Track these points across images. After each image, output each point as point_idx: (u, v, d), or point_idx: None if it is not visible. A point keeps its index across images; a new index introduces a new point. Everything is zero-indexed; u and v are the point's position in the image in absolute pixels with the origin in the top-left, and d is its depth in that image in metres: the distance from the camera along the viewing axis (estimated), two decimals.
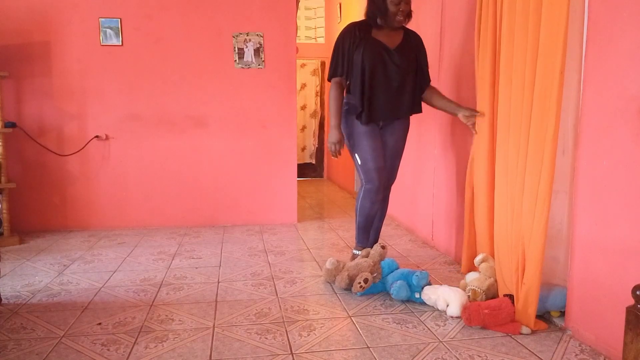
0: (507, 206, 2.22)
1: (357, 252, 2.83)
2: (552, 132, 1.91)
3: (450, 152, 3.14)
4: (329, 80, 2.76)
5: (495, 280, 2.33)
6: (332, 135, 2.68)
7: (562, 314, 2.09)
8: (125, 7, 3.83)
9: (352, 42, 2.64)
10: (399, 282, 2.36)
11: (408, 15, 2.65)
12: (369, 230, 2.87)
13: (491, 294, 2.30)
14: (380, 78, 2.63)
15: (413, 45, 2.72)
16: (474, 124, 2.58)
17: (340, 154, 2.71)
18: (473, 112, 2.56)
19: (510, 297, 2.11)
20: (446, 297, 2.23)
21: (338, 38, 2.72)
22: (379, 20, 2.64)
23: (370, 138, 2.69)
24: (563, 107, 2.07)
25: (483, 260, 2.43)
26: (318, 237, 3.73)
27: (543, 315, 2.15)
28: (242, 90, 4.03)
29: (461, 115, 2.60)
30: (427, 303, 2.32)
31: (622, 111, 1.73)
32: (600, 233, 1.84)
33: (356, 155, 2.74)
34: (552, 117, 1.91)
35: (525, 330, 2.01)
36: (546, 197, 1.95)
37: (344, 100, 2.73)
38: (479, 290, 2.29)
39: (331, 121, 2.69)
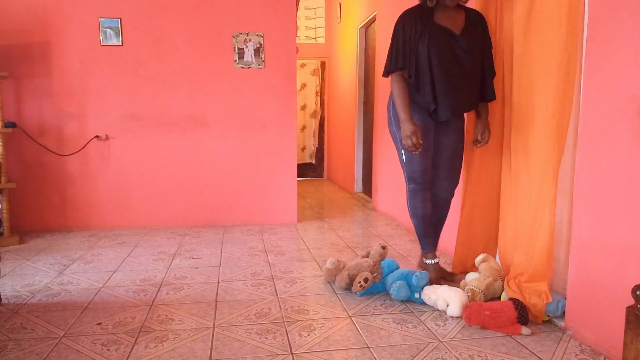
0: (512, 207, 2.23)
1: (429, 261, 2.58)
2: (560, 133, 1.94)
3: None
4: (386, 75, 2.47)
5: (494, 280, 2.33)
6: (405, 129, 2.37)
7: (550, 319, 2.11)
8: (125, 7, 3.83)
9: (414, 30, 2.35)
10: (398, 282, 2.36)
11: None
12: (430, 233, 2.58)
13: (490, 293, 2.31)
14: (452, 69, 2.34)
15: (478, 25, 2.42)
16: (480, 142, 2.46)
17: (420, 146, 2.35)
18: (484, 139, 2.46)
19: (515, 301, 2.08)
20: (446, 297, 2.23)
21: (396, 26, 2.43)
22: (429, 2, 2.36)
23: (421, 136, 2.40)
24: None
25: (483, 261, 2.44)
26: (318, 237, 3.73)
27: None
28: (242, 90, 4.04)
29: (479, 128, 2.46)
30: (427, 303, 2.32)
31: (622, 111, 1.73)
32: (600, 233, 1.84)
33: (403, 152, 2.50)
34: (562, 119, 1.93)
35: (525, 331, 2.00)
36: (551, 198, 1.96)
37: None
38: (477, 290, 2.29)
39: (400, 115, 2.39)
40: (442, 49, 2.32)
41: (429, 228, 2.57)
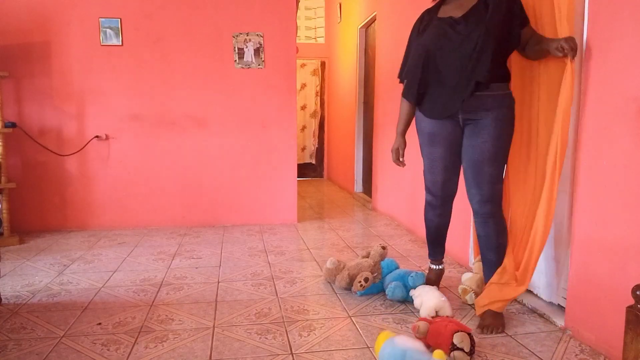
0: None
1: (433, 266, 2.53)
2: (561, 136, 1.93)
3: None
4: (401, 81, 2.37)
5: None
6: (394, 142, 2.38)
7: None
8: (125, 7, 3.83)
9: (415, 33, 2.25)
10: (393, 282, 2.36)
11: None
12: (437, 243, 2.48)
13: (481, 291, 2.32)
14: (443, 60, 2.09)
15: (490, 3, 2.04)
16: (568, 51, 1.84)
17: (401, 163, 2.36)
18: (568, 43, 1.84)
19: (459, 334, 1.80)
20: (423, 298, 2.20)
21: (410, 33, 2.32)
22: None
23: (432, 144, 2.25)
24: None
25: (478, 261, 2.45)
26: (318, 237, 3.73)
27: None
28: (242, 90, 4.04)
29: (552, 49, 1.89)
30: (414, 300, 2.29)
31: (622, 111, 1.73)
32: (600, 233, 1.84)
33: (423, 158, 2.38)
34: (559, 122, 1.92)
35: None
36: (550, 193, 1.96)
37: None
38: (468, 288, 2.34)
39: (397, 126, 2.37)
40: (434, 40, 2.11)
41: (436, 239, 2.47)
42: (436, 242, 2.49)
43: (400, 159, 2.38)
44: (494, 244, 2.14)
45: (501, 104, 2.06)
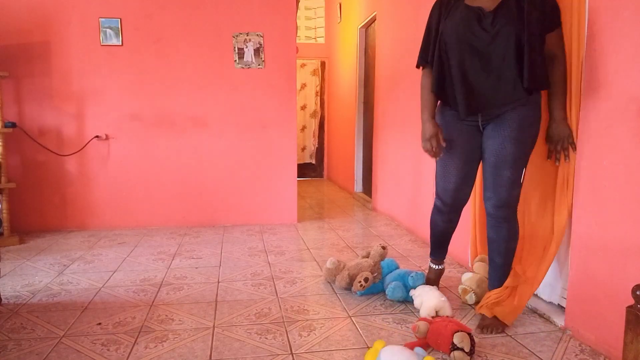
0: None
1: (433, 266, 2.48)
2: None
3: None
4: (417, 67, 2.22)
5: (487, 278, 2.32)
6: (425, 131, 2.12)
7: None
8: (125, 7, 3.83)
9: (436, 16, 2.08)
10: (393, 282, 2.36)
11: None
12: (440, 246, 2.42)
13: (482, 290, 2.32)
14: (469, 57, 1.94)
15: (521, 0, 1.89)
16: (552, 152, 2.00)
17: (440, 153, 2.13)
18: (556, 147, 1.97)
19: (460, 333, 1.80)
20: (423, 298, 2.20)
21: (429, 14, 2.15)
22: None
23: (447, 151, 2.14)
24: None
25: (479, 260, 2.45)
26: (318, 237, 3.73)
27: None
28: (242, 90, 4.03)
29: (551, 130, 1.98)
30: (414, 300, 2.29)
31: (622, 111, 1.73)
32: (600, 233, 1.84)
33: (436, 163, 2.26)
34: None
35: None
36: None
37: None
38: (468, 288, 2.33)
39: (421, 115, 2.15)
40: (457, 31, 1.95)
41: (440, 241, 2.41)
42: (439, 244, 2.43)
43: (440, 145, 2.12)
44: (504, 248, 2.08)
45: (526, 101, 1.94)
